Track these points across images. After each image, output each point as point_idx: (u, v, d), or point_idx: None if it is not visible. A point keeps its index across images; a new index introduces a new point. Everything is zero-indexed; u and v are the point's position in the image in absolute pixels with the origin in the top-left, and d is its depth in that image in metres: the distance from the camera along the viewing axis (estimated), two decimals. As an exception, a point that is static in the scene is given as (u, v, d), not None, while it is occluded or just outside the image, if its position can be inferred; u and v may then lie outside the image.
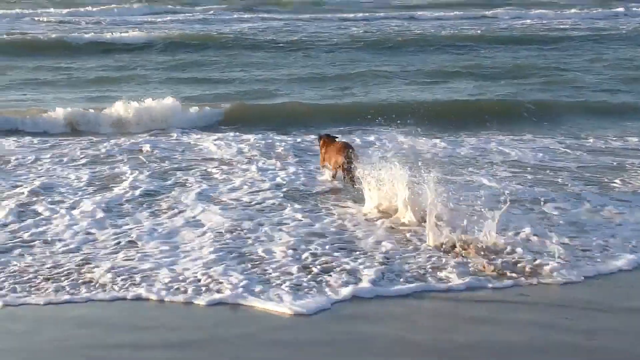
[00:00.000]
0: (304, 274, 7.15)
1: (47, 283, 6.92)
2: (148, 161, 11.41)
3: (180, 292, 6.78)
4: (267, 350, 5.83)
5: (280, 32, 30.67)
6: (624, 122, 14.74)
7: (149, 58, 23.54)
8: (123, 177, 10.44)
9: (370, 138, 12.89)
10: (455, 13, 37.83)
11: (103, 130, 13.81)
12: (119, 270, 7.21)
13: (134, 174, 10.55)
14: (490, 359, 5.74)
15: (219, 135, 13.31)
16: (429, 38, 27.91)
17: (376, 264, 7.37)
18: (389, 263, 7.40)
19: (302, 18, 35.84)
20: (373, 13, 39.08)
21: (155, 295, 6.71)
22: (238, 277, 7.04)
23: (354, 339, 6.01)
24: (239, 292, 6.73)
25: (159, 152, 12.01)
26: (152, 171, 10.78)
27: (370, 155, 10.58)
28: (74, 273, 7.15)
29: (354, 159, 9.58)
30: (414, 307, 6.61)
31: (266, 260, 7.47)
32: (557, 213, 8.90)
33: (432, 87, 18.57)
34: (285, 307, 6.44)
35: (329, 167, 10.18)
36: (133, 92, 17.93)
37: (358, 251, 7.74)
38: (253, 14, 38.79)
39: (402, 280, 7.01)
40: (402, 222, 8.50)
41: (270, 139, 12.89)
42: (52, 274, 7.13)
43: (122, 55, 24.08)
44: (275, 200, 9.42)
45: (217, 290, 6.80)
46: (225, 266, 7.30)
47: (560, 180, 10.32)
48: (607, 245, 7.92)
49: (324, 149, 10.19)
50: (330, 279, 7.03)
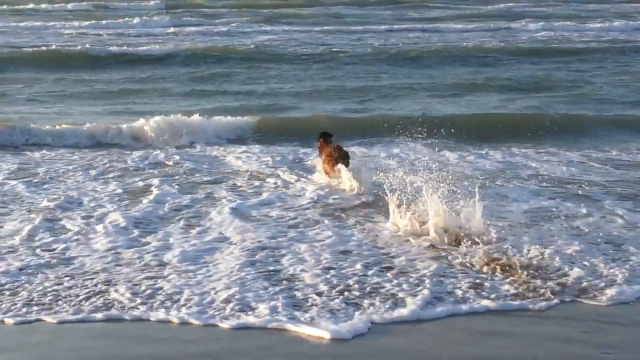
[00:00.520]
0: (338, 295, 6.90)
1: (66, 300, 6.75)
2: (176, 175, 11.34)
3: (206, 314, 6.52)
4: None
5: (301, 44, 30.73)
6: (647, 135, 14.66)
7: (172, 70, 23.65)
8: (151, 191, 10.36)
9: (395, 150, 12.86)
10: (477, 25, 37.77)
11: (129, 143, 13.79)
12: (142, 290, 6.99)
13: (162, 188, 10.47)
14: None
15: (245, 148, 13.32)
16: (451, 50, 27.86)
17: (413, 285, 7.14)
18: (426, 284, 7.16)
19: (323, 30, 35.90)
20: (393, 25, 39.08)
21: (178, 317, 6.44)
22: (269, 298, 6.80)
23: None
24: (270, 314, 6.45)
25: (187, 165, 11.98)
26: (181, 185, 10.71)
27: (396, 169, 10.53)
28: (96, 291, 6.96)
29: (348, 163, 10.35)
30: (453, 330, 6.37)
31: (299, 280, 7.23)
32: (592, 229, 8.74)
33: (454, 100, 18.53)
34: (320, 330, 6.15)
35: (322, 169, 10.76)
36: (156, 104, 18.04)
37: (393, 271, 7.50)
38: (273, 26, 38.91)
39: (439, 302, 6.77)
40: (436, 240, 8.26)
41: (299, 152, 12.89)
42: (73, 291, 6.95)
43: (145, 67, 24.21)
44: (306, 216, 9.26)
45: (247, 312, 6.53)
46: (255, 287, 7.05)
47: (592, 195, 10.18)
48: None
49: (322, 151, 10.77)
50: (366, 300, 6.78)
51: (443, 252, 7.97)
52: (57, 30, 36.41)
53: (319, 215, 9.30)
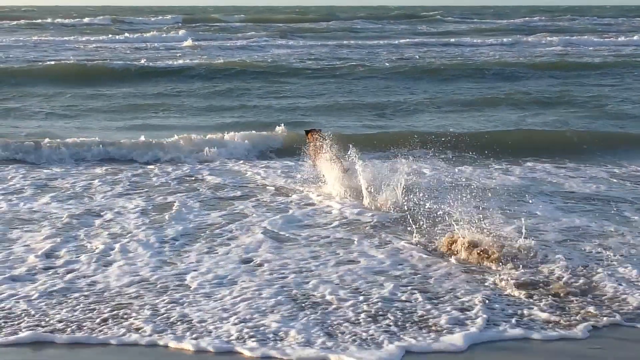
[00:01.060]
0: (371, 320, 6.50)
1: (81, 322, 6.47)
2: (201, 191, 11.21)
3: (229, 342, 6.11)
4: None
5: (318, 58, 30.86)
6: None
7: (189, 84, 23.81)
8: (175, 208, 10.17)
9: (414, 166, 12.84)
10: (494, 39, 37.75)
11: (153, 158, 13.66)
12: (161, 313, 6.64)
13: (186, 205, 10.31)
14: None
15: (268, 163, 13.32)
16: (469, 64, 27.90)
17: (449, 310, 6.72)
18: (463, 309, 6.72)
19: (340, 44, 36.00)
20: (409, 39, 39.14)
21: (196, 345, 6.08)
22: (299, 325, 6.39)
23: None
24: (299, 343, 6.08)
25: (211, 180, 11.92)
26: (206, 202, 10.54)
27: (420, 185, 10.46)
28: (113, 313, 6.65)
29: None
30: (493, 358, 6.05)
31: (331, 305, 6.83)
32: (628, 249, 8.46)
33: (472, 115, 18.51)
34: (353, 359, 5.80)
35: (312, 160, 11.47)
36: (175, 118, 18.15)
37: (429, 293, 7.10)
38: (290, 40, 39.09)
39: (482, 329, 6.34)
40: (468, 260, 7.92)
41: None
42: (89, 313, 6.65)
43: (162, 81, 24.40)
44: (335, 235, 8.99)
45: (273, 341, 6.14)
46: (282, 312, 6.64)
47: (623, 213, 10.01)
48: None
49: (311, 145, 11.46)
50: (402, 326, 6.40)
51: (478, 275, 7.58)
52: (76, 45, 36.68)
53: (348, 234, 9.05)
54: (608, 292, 7.11)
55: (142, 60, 28.58)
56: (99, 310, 6.71)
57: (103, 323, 6.46)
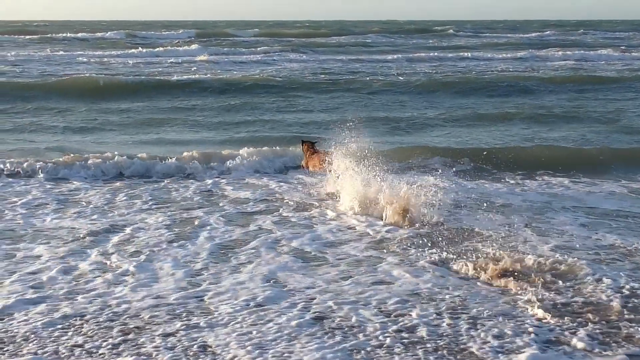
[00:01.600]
0: (406, 347, 6.12)
1: (92, 347, 6.14)
2: (222, 206, 11.06)
3: None
4: None
5: (330, 72, 30.92)
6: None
7: (202, 98, 23.86)
8: (198, 224, 9.98)
9: (433, 180, 12.81)
10: (507, 54, 37.73)
11: (171, 173, 13.54)
12: (177, 341, 6.25)
13: (208, 221, 10.11)
14: None
15: (286, 177, 13.28)
16: (483, 78, 27.90)
17: (488, 337, 6.32)
18: (500, 336, 6.35)
19: (353, 59, 36.07)
20: (422, 54, 39.18)
21: None
22: (325, 353, 6.02)
23: None
24: None
25: (232, 194, 11.85)
26: (227, 218, 10.38)
27: (443, 201, 10.25)
28: (126, 339, 6.31)
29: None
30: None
31: (360, 331, 6.45)
32: None
33: (487, 130, 18.48)
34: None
35: (306, 167, 12.88)
36: (190, 133, 18.19)
37: (460, 318, 6.71)
38: (303, 55, 39.20)
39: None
40: (502, 283, 7.54)
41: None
42: (99, 340, 6.29)
43: (176, 95, 24.47)
44: (362, 254, 8.67)
45: None
46: (310, 338, 6.28)
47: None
48: None
49: (307, 154, 12.89)
50: (441, 355, 6.04)
51: (520, 298, 7.17)
52: (90, 59, 36.87)
53: (376, 252, 8.74)
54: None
55: (156, 75, 28.68)
56: (111, 335, 6.39)
57: (112, 348, 6.12)
